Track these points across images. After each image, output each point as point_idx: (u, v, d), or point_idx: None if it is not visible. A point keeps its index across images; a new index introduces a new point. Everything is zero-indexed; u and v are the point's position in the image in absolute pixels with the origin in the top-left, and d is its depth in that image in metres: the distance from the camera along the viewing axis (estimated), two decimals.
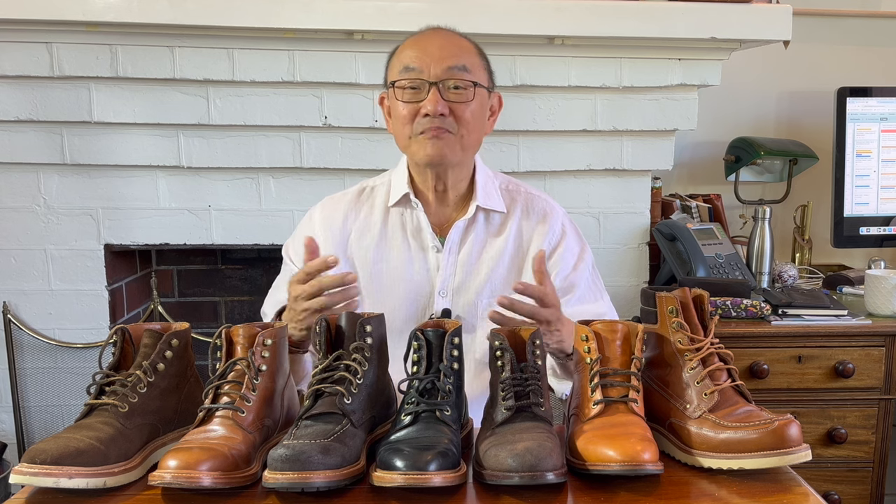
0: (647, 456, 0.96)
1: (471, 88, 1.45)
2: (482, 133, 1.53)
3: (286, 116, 2.17)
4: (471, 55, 1.49)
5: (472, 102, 1.46)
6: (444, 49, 1.45)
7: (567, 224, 1.62)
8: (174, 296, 2.61)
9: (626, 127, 2.27)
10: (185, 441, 1.00)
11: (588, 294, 1.59)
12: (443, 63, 1.44)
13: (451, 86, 1.44)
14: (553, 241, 1.58)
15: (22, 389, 2.25)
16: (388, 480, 0.94)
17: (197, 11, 2.00)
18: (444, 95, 1.43)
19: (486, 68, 1.53)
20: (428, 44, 1.47)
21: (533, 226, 1.59)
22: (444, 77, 1.43)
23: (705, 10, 2.14)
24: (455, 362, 1.07)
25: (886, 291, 2.10)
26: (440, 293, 1.54)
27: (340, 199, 1.63)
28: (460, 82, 1.44)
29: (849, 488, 2.11)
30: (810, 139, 2.61)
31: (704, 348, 1.09)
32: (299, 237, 1.57)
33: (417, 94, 1.45)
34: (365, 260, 1.57)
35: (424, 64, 1.44)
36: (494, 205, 1.57)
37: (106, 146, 2.15)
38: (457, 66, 1.44)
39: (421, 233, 1.56)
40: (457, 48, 1.47)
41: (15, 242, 2.19)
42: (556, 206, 1.64)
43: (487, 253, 1.56)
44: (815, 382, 2.06)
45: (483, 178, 1.58)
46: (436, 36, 1.49)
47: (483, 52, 1.53)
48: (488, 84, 1.52)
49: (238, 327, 1.10)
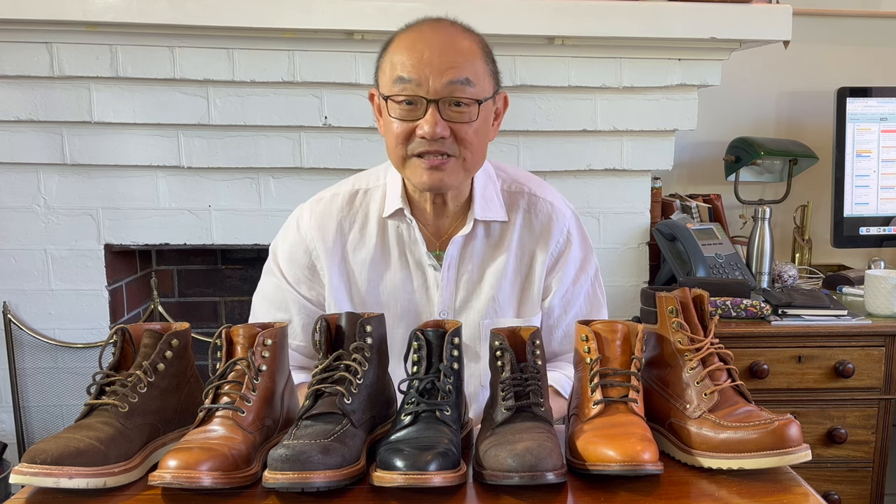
0: (647, 456, 0.96)
1: (474, 106, 1.28)
2: (486, 146, 1.38)
3: (286, 116, 2.17)
4: (475, 60, 1.30)
5: (476, 121, 1.30)
6: (445, 57, 1.26)
7: (573, 229, 1.49)
8: (174, 296, 2.61)
9: (626, 127, 2.27)
10: (185, 441, 1.00)
11: (587, 307, 1.51)
12: (443, 77, 1.25)
13: (452, 103, 1.27)
14: (556, 252, 1.47)
15: (22, 389, 2.25)
16: (388, 480, 0.94)
17: (197, 11, 2.00)
18: (443, 114, 1.27)
19: (492, 71, 1.35)
20: (426, 48, 1.27)
21: (536, 236, 1.46)
22: (445, 94, 1.26)
23: (705, 11, 2.14)
24: (455, 362, 1.07)
25: (886, 291, 2.10)
26: (441, 314, 1.44)
27: (331, 202, 1.47)
28: (463, 99, 1.27)
29: (849, 488, 2.11)
30: (810, 139, 2.61)
31: (704, 348, 1.09)
32: (288, 248, 1.48)
33: (414, 110, 1.27)
34: (361, 276, 1.45)
35: (422, 76, 1.26)
36: (494, 215, 1.44)
37: (106, 146, 2.15)
38: (458, 80, 1.26)
39: (418, 249, 1.44)
40: (459, 54, 1.28)
41: (15, 242, 2.19)
42: (563, 207, 1.50)
43: (489, 269, 1.45)
44: (815, 382, 2.06)
45: (482, 182, 1.44)
46: (435, 37, 1.29)
47: (488, 50, 1.35)
48: (493, 89, 1.34)
49: (238, 327, 1.10)
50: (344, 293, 1.46)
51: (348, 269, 1.46)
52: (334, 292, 1.45)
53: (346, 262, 1.46)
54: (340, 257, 1.45)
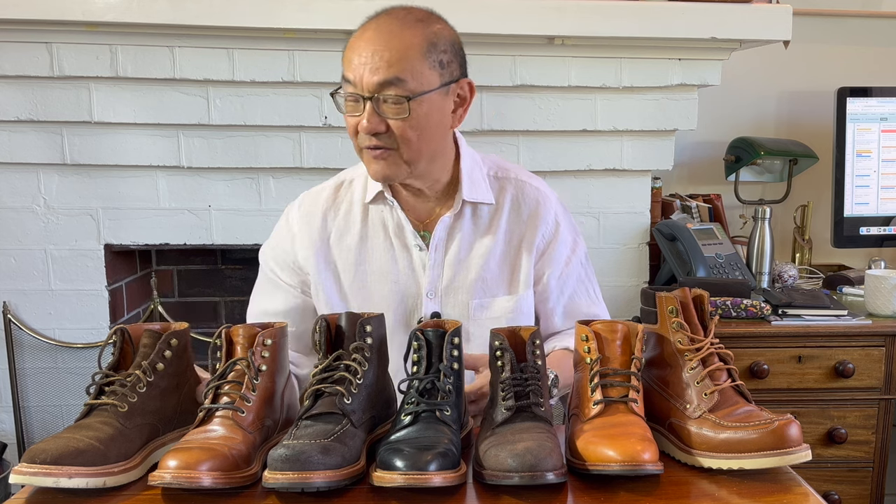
0: (647, 456, 0.96)
1: (405, 104, 1.31)
2: (440, 137, 1.40)
3: (286, 116, 2.17)
4: (411, 59, 1.31)
5: (410, 117, 1.32)
6: (378, 57, 1.30)
7: (560, 214, 1.54)
8: (174, 296, 2.61)
9: (626, 127, 2.27)
10: (185, 441, 1.00)
11: (580, 289, 1.55)
12: (374, 76, 1.30)
13: (386, 100, 1.31)
14: (546, 236, 1.51)
15: (22, 389, 2.25)
16: (388, 480, 0.94)
17: (197, 11, 2.00)
18: (379, 110, 1.31)
19: (440, 63, 1.34)
20: (364, 47, 1.32)
21: (524, 221, 1.50)
22: (376, 91, 1.30)
23: (705, 10, 2.14)
24: (455, 362, 1.07)
25: (886, 291, 2.10)
26: (428, 295, 1.47)
27: (318, 195, 1.53)
28: (392, 97, 1.31)
29: (849, 488, 2.11)
30: (810, 139, 2.61)
31: (704, 348, 1.09)
32: (279, 245, 1.53)
33: (356, 106, 1.33)
34: (347, 262, 1.49)
35: (357, 76, 1.31)
36: (482, 196, 1.48)
37: (106, 146, 2.15)
38: (388, 80, 1.30)
39: (403, 231, 1.47)
40: (393, 51, 1.31)
41: (15, 242, 2.19)
42: (548, 192, 1.54)
43: (477, 250, 1.48)
44: (815, 382, 2.06)
45: (469, 165, 1.48)
46: (374, 36, 1.33)
47: (435, 41, 1.34)
48: (440, 81, 1.35)
49: (238, 327, 1.10)
50: (332, 281, 1.50)
51: (334, 257, 1.50)
52: (322, 281, 1.49)
53: (332, 250, 1.50)
54: (327, 246, 1.50)
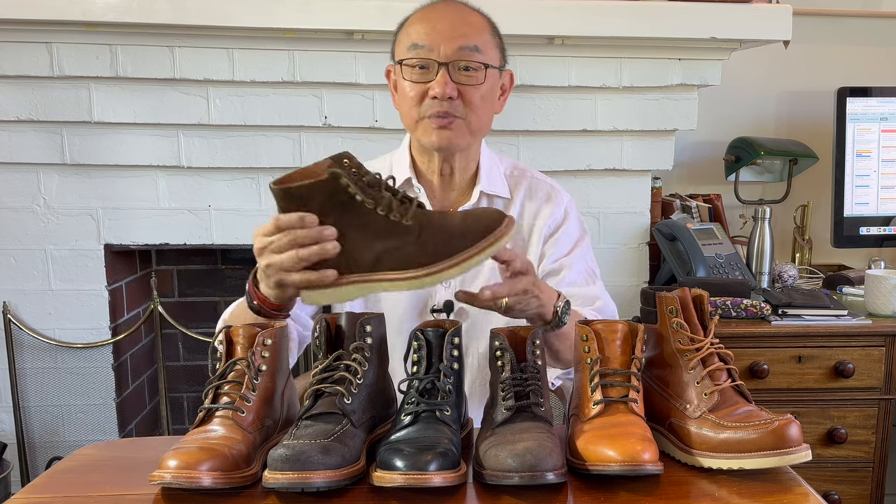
0: (647, 456, 0.96)
1: (482, 70, 1.39)
2: (492, 115, 1.48)
3: (286, 116, 2.17)
4: (482, 33, 1.42)
5: (483, 85, 1.40)
6: (456, 26, 1.39)
7: (571, 210, 1.59)
8: (174, 296, 2.61)
9: (626, 127, 2.27)
10: (184, 441, 1.00)
11: (580, 279, 1.56)
12: (454, 43, 1.37)
13: (462, 67, 1.38)
14: (553, 225, 1.56)
15: (22, 389, 2.25)
16: (388, 480, 0.94)
17: (197, 11, 2.00)
18: (453, 77, 1.37)
19: (499, 46, 1.47)
20: (438, 19, 1.40)
21: (536, 206, 1.56)
22: (455, 58, 1.37)
23: (705, 10, 2.14)
24: (455, 362, 1.07)
25: (886, 291, 2.10)
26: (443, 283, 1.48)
27: None
28: (471, 64, 1.38)
29: (849, 488, 2.11)
30: (810, 139, 2.61)
31: (704, 348, 1.09)
32: None
33: (426, 73, 1.39)
34: None
35: (434, 42, 1.37)
36: (498, 190, 1.54)
37: (106, 146, 2.15)
38: (468, 47, 1.38)
39: None
40: (469, 26, 1.41)
41: (15, 242, 2.18)
42: (563, 192, 1.60)
43: None
44: (815, 382, 2.06)
45: (488, 162, 1.54)
46: (447, 10, 1.42)
47: (496, 28, 1.47)
48: (500, 62, 1.46)
49: (238, 327, 1.10)
50: None
51: None
52: None
53: None
54: None
